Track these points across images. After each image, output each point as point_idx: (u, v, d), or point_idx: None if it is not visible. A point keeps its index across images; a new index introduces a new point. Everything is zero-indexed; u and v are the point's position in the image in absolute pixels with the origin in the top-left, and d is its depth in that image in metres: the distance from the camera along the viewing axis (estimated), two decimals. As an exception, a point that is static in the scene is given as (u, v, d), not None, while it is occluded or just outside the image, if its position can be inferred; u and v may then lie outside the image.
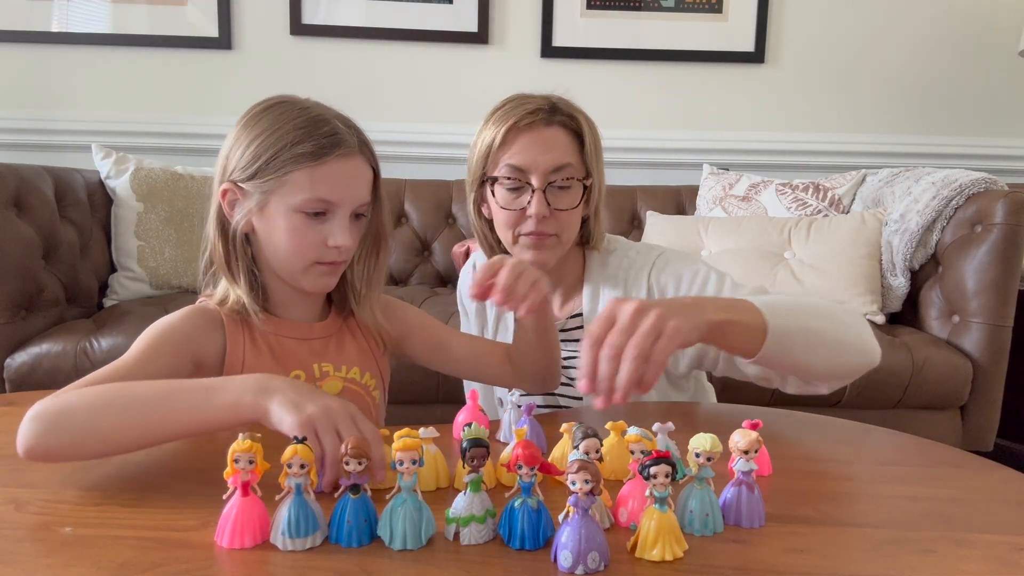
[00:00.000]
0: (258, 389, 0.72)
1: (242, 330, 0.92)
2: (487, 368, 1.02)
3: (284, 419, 0.69)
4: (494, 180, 1.06)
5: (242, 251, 0.92)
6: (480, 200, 1.12)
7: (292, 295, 0.95)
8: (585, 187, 1.06)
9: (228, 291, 0.92)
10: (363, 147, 0.91)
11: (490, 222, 1.13)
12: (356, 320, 1.01)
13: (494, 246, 1.16)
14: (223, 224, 0.91)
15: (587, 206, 1.10)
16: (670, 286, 1.09)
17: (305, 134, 0.86)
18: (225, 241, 0.91)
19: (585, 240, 1.15)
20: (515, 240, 1.08)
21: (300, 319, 0.97)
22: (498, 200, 1.07)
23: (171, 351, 0.86)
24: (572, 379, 1.15)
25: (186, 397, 0.74)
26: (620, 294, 1.10)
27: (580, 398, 1.14)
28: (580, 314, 1.15)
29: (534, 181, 1.03)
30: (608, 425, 0.74)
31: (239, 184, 0.88)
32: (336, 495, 0.60)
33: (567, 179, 1.04)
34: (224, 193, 0.90)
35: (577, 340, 1.15)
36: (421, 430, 0.64)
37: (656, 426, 0.70)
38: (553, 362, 0.98)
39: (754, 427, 0.66)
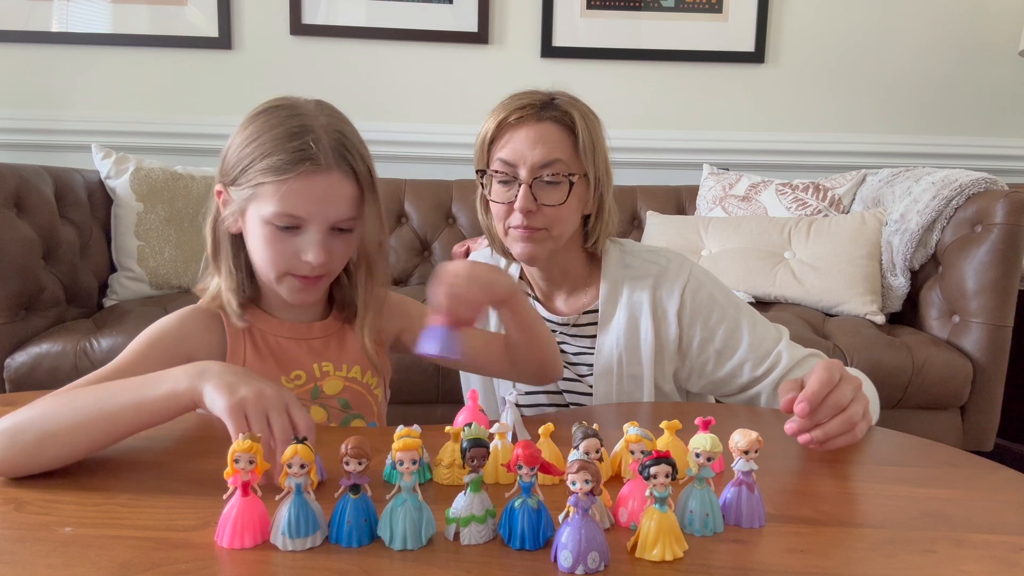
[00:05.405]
0: (194, 374, 0.73)
1: (243, 331, 0.93)
2: (487, 362, 1.01)
3: (216, 401, 0.70)
4: (487, 173, 1.07)
5: (227, 249, 0.92)
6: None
7: None
8: (571, 183, 1.04)
9: (219, 286, 0.92)
10: (341, 162, 0.86)
11: None
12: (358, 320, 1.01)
13: (495, 238, 1.16)
14: (216, 220, 0.92)
15: (584, 203, 1.09)
16: (698, 324, 1.10)
17: (276, 147, 0.84)
18: (214, 236, 0.92)
19: (585, 238, 1.14)
20: (506, 232, 1.08)
21: (299, 319, 0.97)
22: (490, 193, 1.08)
23: (161, 353, 0.86)
24: (582, 376, 1.15)
25: (124, 395, 0.74)
26: (648, 298, 1.11)
27: (590, 393, 1.14)
28: (595, 310, 1.14)
29: (521, 175, 1.03)
30: (663, 424, 0.75)
31: (226, 187, 0.89)
32: (336, 495, 0.60)
33: (554, 175, 1.03)
34: (219, 192, 0.91)
35: (590, 336, 1.15)
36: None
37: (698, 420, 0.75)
38: (544, 355, 0.98)
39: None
